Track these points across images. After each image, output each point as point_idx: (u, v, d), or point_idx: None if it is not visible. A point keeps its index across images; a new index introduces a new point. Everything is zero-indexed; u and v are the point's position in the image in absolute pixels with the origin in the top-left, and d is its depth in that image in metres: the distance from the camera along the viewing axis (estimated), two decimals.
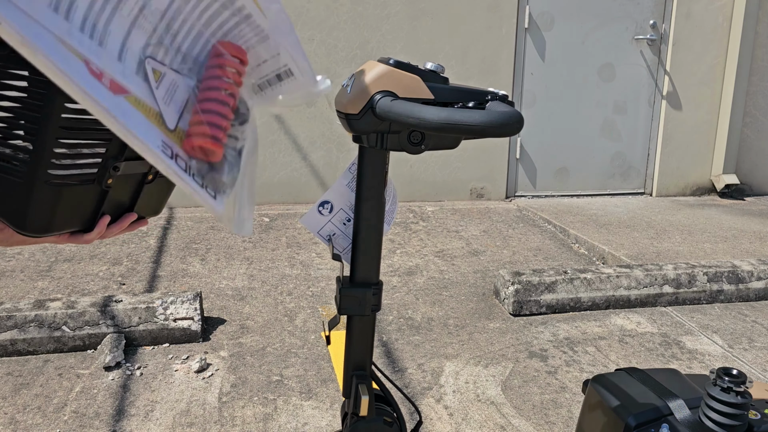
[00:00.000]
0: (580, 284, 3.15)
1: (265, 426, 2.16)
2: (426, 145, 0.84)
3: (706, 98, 5.36)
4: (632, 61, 5.23)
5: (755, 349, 2.81)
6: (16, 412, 2.20)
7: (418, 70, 0.82)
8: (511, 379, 2.50)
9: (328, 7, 4.62)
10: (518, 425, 2.21)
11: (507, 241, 4.13)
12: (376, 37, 4.73)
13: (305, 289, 3.28)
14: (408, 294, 3.27)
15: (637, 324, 3.02)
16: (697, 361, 2.69)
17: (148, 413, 2.22)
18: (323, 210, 0.96)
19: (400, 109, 0.76)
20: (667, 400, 1.11)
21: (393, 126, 0.83)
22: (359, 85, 0.82)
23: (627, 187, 5.48)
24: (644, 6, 5.16)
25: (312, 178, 4.83)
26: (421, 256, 3.81)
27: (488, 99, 0.81)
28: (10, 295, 3.05)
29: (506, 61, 4.96)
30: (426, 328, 2.90)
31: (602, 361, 2.66)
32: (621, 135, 5.36)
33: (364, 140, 0.86)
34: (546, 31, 5.03)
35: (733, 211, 5.01)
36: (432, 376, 2.50)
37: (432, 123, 0.71)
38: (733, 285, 3.32)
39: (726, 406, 1.01)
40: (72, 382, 2.40)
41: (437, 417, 2.24)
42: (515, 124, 0.71)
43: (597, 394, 1.19)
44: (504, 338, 2.83)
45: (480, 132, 0.70)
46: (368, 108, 0.81)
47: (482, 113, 0.71)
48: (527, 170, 5.23)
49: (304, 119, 4.75)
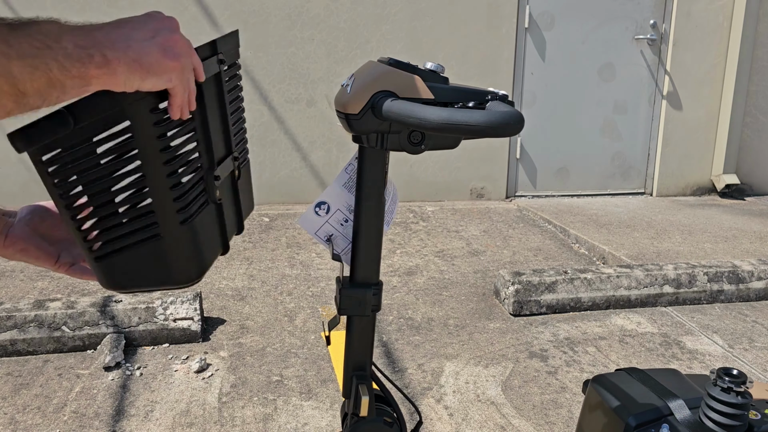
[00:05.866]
0: (580, 284, 3.15)
1: (265, 426, 2.16)
2: (426, 145, 0.84)
3: (707, 98, 5.36)
4: (632, 60, 5.23)
5: (755, 349, 2.81)
6: (16, 412, 2.20)
7: (418, 70, 0.82)
8: (511, 379, 2.50)
9: (328, 7, 4.62)
10: (518, 425, 2.20)
11: (507, 241, 4.13)
12: (376, 37, 4.73)
13: (305, 290, 3.28)
14: (408, 294, 3.27)
15: (638, 324, 3.02)
16: (697, 361, 2.69)
17: (148, 413, 2.22)
18: (320, 211, 0.95)
19: (401, 109, 0.75)
20: (668, 400, 1.11)
21: (393, 126, 0.83)
22: (359, 85, 0.82)
23: (627, 187, 5.48)
24: (644, 6, 5.16)
25: (312, 178, 4.83)
26: (421, 256, 3.81)
27: (488, 99, 0.80)
28: (10, 295, 3.04)
29: (506, 61, 4.96)
30: (426, 328, 2.90)
31: (602, 361, 2.66)
32: (621, 135, 5.36)
33: (364, 140, 0.86)
34: (546, 30, 5.03)
35: (734, 211, 5.00)
36: (432, 376, 2.50)
37: (432, 123, 0.71)
38: (733, 285, 3.32)
39: (726, 406, 1.01)
40: (72, 382, 2.40)
41: (437, 417, 2.24)
42: (516, 124, 0.71)
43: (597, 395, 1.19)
44: (504, 338, 2.83)
45: (480, 132, 0.70)
46: (368, 108, 0.81)
47: (483, 113, 0.71)
48: (527, 170, 5.23)
49: (304, 119, 4.75)
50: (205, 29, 4.48)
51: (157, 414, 2.21)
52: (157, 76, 0.63)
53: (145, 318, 2.67)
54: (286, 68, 4.66)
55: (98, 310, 2.66)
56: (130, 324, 2.66)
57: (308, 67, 4.69)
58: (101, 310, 2.66)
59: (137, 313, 2.67)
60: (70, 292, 3.10)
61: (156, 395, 2.33)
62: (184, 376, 2.46)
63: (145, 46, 0.62)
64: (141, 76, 0.61)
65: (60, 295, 3.07)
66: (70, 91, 0.58)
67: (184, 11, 4.42)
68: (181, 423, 2.17)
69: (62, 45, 0.56)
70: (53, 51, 0.55)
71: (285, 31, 4.60)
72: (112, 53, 0.59)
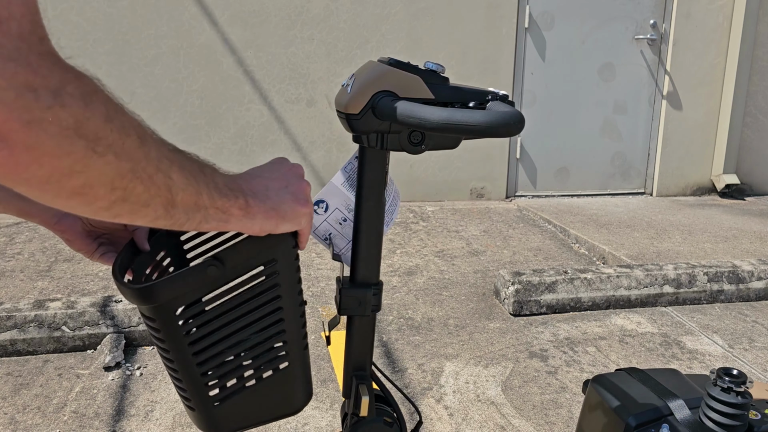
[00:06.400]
0: (580, 284, 3.15)
1: (265, 426, 2.16)
2: (426, 146, 0.84)
3: (707, 98, 5.36)
4: (632, 60, 5.23)
5: (755, 349, 2.81)
6: (16, 413, 2.20)
7: (419, 69, 0.82)
8: (511, 379, 2.50)
9: (328, 7, 4.62)
10: (518, 425, 2.20)
11: (507, 241, 4.13)
12: (375, 37, 4.73)
13: (305, 289, 3.28)
14: (408, 294, 3.27)
15: (638, 324, 3.02)
16: (697, 361, 2.69)
17: (148, 413, 2.22)
18: (319, 209, 0.95)
19: (401, 109, 0.75)
20: (668, 400, 1.11)
21: (393, 126, 0.83)
22: (359, 85, 0.82)
23: (627, 187, 5.48)
24: (644, 6, 5.16)
25: (312, 178, 4.83)
26: (421, 256, 3.81)
27: (489, 99, 0.80)
28: (10, 295, 3.04)
29: (506, 61, 4.96)
30: (426, 328, 2.90)
31: (602, 361, 2.66)
32: (621, 135, 5.36)
33: (364, 140, 0.86)
34: (546, 30, 5.03)
35: (734, 211, 5.00)
36: (432, 376, 2.50)
37: (433, 123, 0.71)
38: (733, 285, 3.32)
39: (726, 406, 1.01)
40: (72, 382, 2.40)
41: (437, 417, 2.24)
42: (517, 124, 0.71)
43: (597, 395, 1.19)
44: (504, 338, 2.83)
45: (481, 132, 0.70)
46: (369, 108, 0.81)
47: (484, 113, 0.71)
48: (527, 170, 5.23)
49: (304, 119, 4.75)
50: (205, 29, 4.48)
51: (157, 414, 2.21)
52: (289, 222, 0.71)
53: None
54: (286, 68, 4.66)
55: (98, 310, 2.66)
56: (130, 324, 2.66)
57: (308, 67, 4.69)
58: (101, 310, 2.66)
59: (137, 313, 2.67)
60: (70, 292, 3.10)
61: (156, 395, 2.33)
62: None
63: (280, 195, 0.70)
64: (276, 222, 0.69)
65: (60, 295, 3.07)
66: (211, 221, 0.63)
67: (184, 11, 4.42)
68: (181, 423, 2.17)
69: (214, 179, 0.63)
70: (206, 178, 0.61)
71: (285, 31, 4.60)
72: (254, 201, 0.67)
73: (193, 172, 0.60)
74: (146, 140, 0.54)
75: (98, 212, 0.53)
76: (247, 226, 0.67)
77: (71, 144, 0.46)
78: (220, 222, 0.64)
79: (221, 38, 4.52)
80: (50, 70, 0.45)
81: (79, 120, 0.46)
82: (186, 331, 0.70)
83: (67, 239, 0.80)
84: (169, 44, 4.46)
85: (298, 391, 0.79)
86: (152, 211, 0.56)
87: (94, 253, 0.82)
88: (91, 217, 0.56)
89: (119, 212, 0.54)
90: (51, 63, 0.46)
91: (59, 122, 0.45)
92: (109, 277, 3.31)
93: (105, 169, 0.49)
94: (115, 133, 0.50)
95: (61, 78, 0.46)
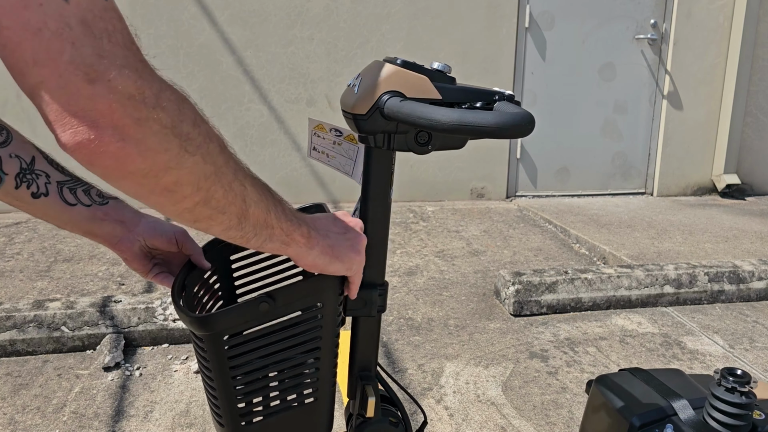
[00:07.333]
0: (580, 284, 3.15)
1: None
2: (433, 146, 0.84)
3: (707, 98, 5.36)
4: (633, 60, 5.23)
5: (756, 350, 2.81)
6: (16, 413, 2.19)
7: (426, 69, 0.81)
8: (511, 379, 2.49)
9: (328, 7, 4.62)
10: (519, 426, 2.20)
11: (507, 241, 4.13)
12: (376, 37, 4.72)
13: None
14: (408, 294, 3.27)
15: (638, 324, 3.02)
16: (698, 361, 2.69)
17: (148, 414, 2.21)
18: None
19: (410, 110, 0.75)
20: (671, 400, 1.11)
21: (400, 126, 0.82)
22: (366, 85, 0.82)
23: (628, 187, 5.48)
24: (645, 5, 5.16)
25: (312, 178, 4.83)
26: (421, 256, 3.80)
27: (496, 99, 0.80)
28: (10, 296, 3.04)
29: (507, 61, 4.96)
30: (426, 329, 2.90)
31: (603, 361, 2.66)
32: (622, 135, 5.36)
33: (371, 141, 0.85)
34: (546, 30, 5.03)
35: (734, 211, 5.01)
36: (432, 376, 2.50)
37: (444, 124, 0.71)
38: (734, 285, 3.32)
39: (730, 406, 1.01)
40: (71, 382, 2.40)
41: (438, 418, 2.24)
42: (528, 125, 0.70)
43: (601, 395, 1.19)
44: (504, 339, 2.83)
45: (492, 133, 0.69)
46: (376, 108, 0.81)
47: (494, 114, 0.71)
48: (528, 170, 5.23)
49: (304, 119, 4.75)
50: (205, 29, 4.47)
51: (156, 414, 2.21)
52: (341, 263, 0.78)
53: (145, 318, 2.67)
54: (286, 68, 4.65)
55: (98, 310, 2.65)
56: (129, 324, 2.65)
57: (308, 66, 4.69)
58: (101, 311, 2.65)
59: (137, 314, 2.67)
60: (70, 293, 3.10)
61: (156, 395, 2.32)
62: (183, 376, 2.45)
63: (338, 238, 0.79)
64: (330, 260, 0.76)
65: (59, 295, 3.06)
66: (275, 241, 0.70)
67: (184, 11, 4.41)
68: (180, 423, 2.16)
69: (281, 203, 0.71)
70: (274, 201, 0.69)
71: (285, 31, 4.60)
72: (315, 234, 0.75)
73: (264, 191, 0.67)
74: (225, 149, 0.61)
75: (182, 213, 0.59)
76: (303, 255, 0.74)
77: (169, 141, 0.53)
78: (282, 245, 0.71)
79: (221, 38, 4.52)
80: (152, 75, 0.52)
81: (174, 121, 0.53)
82: (229, 356, 0.77)
83: (126, 258, 0.86)
84: (168, 44, 4.45)
85: (321, 425, 0.86)
86: (227, 219, 0.62)
87: (149, 272, 0.88)
88: (174, 218, 0.61)
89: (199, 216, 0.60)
90: (150, 70, 0.53)
91: (160, 121, 0.52)
92: (108, 277, 3.31)
93: (194, 168, 0.55)
94: (201, 136, 0.56)
95: (160, 84, 0.53)
